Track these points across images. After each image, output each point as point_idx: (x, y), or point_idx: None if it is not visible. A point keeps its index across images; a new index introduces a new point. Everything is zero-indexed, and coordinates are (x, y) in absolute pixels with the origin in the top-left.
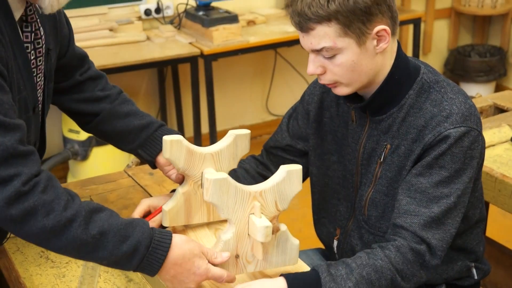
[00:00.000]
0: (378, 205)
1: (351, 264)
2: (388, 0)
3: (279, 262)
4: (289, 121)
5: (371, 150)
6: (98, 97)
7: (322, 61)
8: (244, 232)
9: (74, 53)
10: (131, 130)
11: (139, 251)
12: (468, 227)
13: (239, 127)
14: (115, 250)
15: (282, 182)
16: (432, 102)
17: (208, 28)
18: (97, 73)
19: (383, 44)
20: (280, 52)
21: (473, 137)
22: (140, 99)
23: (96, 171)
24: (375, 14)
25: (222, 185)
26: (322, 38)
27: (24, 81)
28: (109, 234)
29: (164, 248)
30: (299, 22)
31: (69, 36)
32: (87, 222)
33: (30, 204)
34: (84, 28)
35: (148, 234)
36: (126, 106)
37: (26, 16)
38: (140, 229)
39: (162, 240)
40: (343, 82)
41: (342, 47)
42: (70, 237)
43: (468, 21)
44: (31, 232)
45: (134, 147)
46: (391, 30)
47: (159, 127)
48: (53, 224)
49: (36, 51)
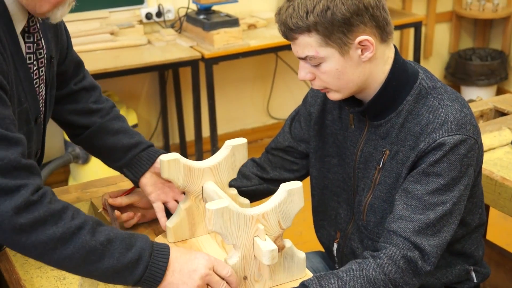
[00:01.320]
0: (377, 211)
1: (343, 276)
2: (371, 10)
3: (287, 277)
4: (292, 123)
5: (368, 154)
6: (90, 109)
7: (310, 68)
8: (250, 254)
9: (71, 59)
10: (119, 148)
11: (143, 259)
12: (467, 232)
13: (240, 130)
14: (122, 257)
15: (283, 202)
16: (428, 108)
17: (209, 32)
18: (91, 84)
19: (368, 53)
20: (281, 56)
21: (470, 145)
22: (141, 102)
23: (97, 174)
24: (356, 25)
25: (224, 213)
26: (305, 47)
27: (26, 93)
28: (115, 242)
29: (166, 253)
30: (284, 32)
31: (67, 42)
32: (95, 231)
33: (40, 214)
34: (85, 31)
35: (150, 243)
36: (117, 123)
37: (28, 27)
38: (141, 239)
39: (161, 248)
40: (333, 88)
41: (325, 56)
42: (79, 243)
43: (469, 25)
44: (38, 241)
45: (119, 165)
46: (378, 39)
47: (147, 148)
48: (63, 231)
49: (38, 61)
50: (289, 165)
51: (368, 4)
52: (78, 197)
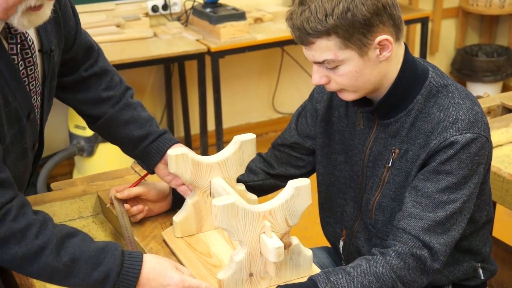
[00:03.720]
0: (385, 210)
1: (352, 272)
2: (389, 9)
3: (293, 275)
4: (298, 119)
5: (377, 153)
6: (100, 98)
7: (325, 72)
8: (256, 251)
9: (80, 45)
10: (130, 140)
11: (110, 278)
12: (474, 230)
13: (245, 124)
14: (87, 277)
15: (291, 199)
16: (439, 107)
17: (215, 25)
18: (103, 68)
19: (386, 52)
20: (287, 50)
21: (481, 143)
22: (146, 95)
23: (102, 167)
24: (376, 25)
25: (231, 209)
26: (323, 51)
27: (13, 93)
28: (80, 261)
29: (135, 273)
30: (299, 36)
31: (76, 28)
32: (59, 250)
33: (2, 233)
34: (91, 24)
35: (119, 261)
36: (127, 112)
37: (8, 29)
38: (111, 255)
39: (132, 265)
40: (349, 89)
41: (344, 59)
42: (42, 264)
43: (476, 21)
44: (2, 259)
45: (133, 156)
46: (394, 37)
47: (157, 138)
48: (25, 252)
49: (25, 61)
50: (295, 161)
51: (385, 3)
52: (84, 190)
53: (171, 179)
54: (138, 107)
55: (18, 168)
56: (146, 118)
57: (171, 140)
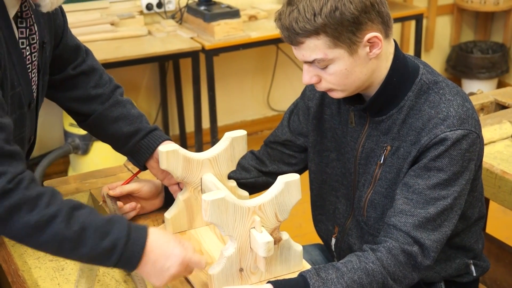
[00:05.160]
0: (377, 207)
1: (342, 268)
2: (377, 6)
3: (283, 270)
4: (290, 116)
5: (369, 150)
6: (89, 95)
7: (316, 71)
8: (246, 246)
9: (67, 44)
10: (120, 136)
11: (118, 248)
12: (466, 226)
13: (240, 122)
14: (95, 246)
15: (280, 194)
16: (430, 103)
17: (210, 23)
18: (91, 66)
19: (376, 50)
20: (282, 48)
21: (472, 139)
22: (141, 93)
23: (96, 165)
24: (364, 23)
25: (221, 204)
26: (312, 50)
27: (19, 77)
28: (89, 230)
29: (141, 243)
30: (288, 37)
31: (63, 26)
32: (69, 218)
33: (16, 201)
34: (86, 22)
35: (126, 231)
36: (116, 110)
37: (21, 12)
38: (118, 225)
39: (138, 236)
40: (338, 88)
41: (334, 58)
42: (53, 232)
43: (471, 18)
44: (14, 228)
45: (124, 153)
46: (383, 35)
47: (147, 134)
48: (37, 220)
49: (31, 46)
50: (287, 159)
51: (373, 1)
52: (77, 188)
53: (163, 177)
54: (127, 105)
55: None
56: (136, 115)
57: (161, 136)
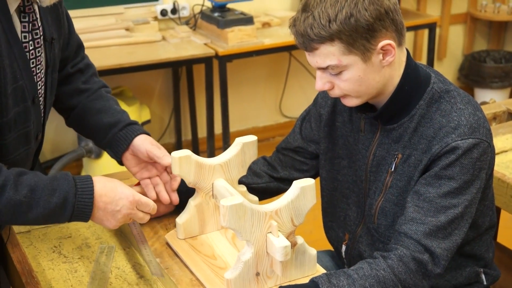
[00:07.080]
0: (388, 215)
1: (353, 275)
2: (391, 14)
3: (298, 274)
4: (302, 123)
5: (380, 158)
6: (79, 89)
7: (329, 77)
8: (263, 251)
9: (73, 44)
10: (100, 127)
11: (69, 200)
12: (477, 235)
13: (252, 128)
14: (47, 204)
15: (296, 199)
16: (441, 112)
17: (223, 29)
18: (86, 64)
19: (389, 57)
20: (295, 55)
21: (483, 148)
22: (154, 98)
23: (109, 169)
24: (379, 30)
25: (239, 210)
26: (326, 56)
27: (21, 70)
28: (37, 190)
29: (89, 192)
30: (302, 43)
31: (69, 28)
32: (17, 184)
33: None
34: (101, 27)
35: (72, 183)
36: (99, 102)
37: (23, 7)
38: (63, 180)
39: (85, 185)
40: (352, 95)
41: (348, 64)
42: (5, 201)
43: (484, 27)
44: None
45: (103, 146)
46: (397, 42)
47: (125, 126)
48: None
49: (34, 41)
50: (299, 165)
51: (388, 8)
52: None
53: (136, 171)
54: (111, 100)
55: (19, 152)
56: (118, 110)
57: (139, 130)
